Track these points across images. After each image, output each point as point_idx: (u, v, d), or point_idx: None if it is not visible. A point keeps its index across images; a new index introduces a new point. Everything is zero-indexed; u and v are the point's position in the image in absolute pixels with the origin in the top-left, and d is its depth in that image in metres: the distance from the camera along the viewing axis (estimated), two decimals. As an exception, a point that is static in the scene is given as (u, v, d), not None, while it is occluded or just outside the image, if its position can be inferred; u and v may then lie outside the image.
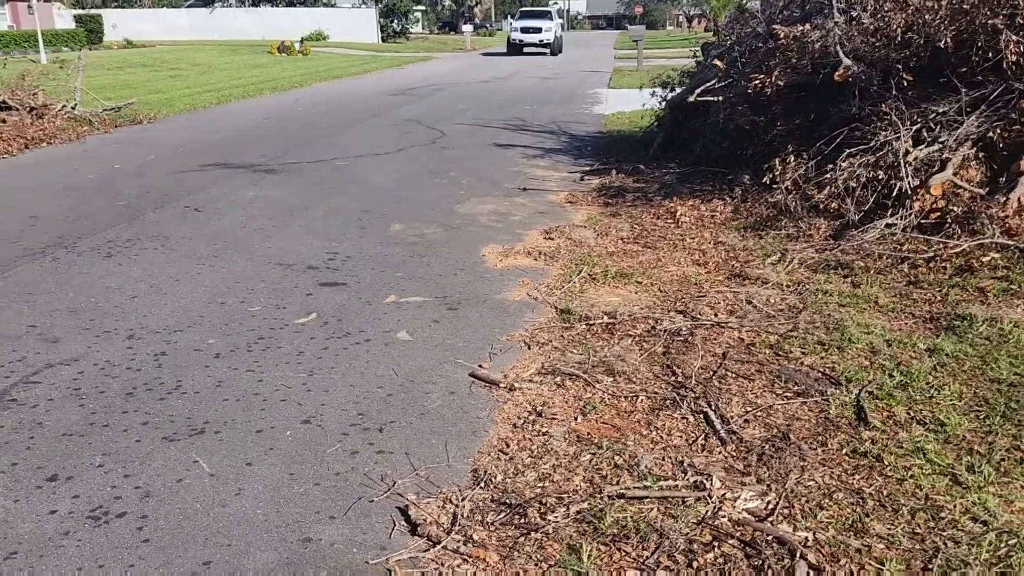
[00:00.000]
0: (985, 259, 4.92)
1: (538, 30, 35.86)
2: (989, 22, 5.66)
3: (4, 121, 10.83)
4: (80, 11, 42.10)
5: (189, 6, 49.92)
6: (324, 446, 3.19)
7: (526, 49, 35.82)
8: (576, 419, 3.38)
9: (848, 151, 5.88)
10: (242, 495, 2.87)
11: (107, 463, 3.07)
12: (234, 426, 3.35)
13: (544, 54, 35.05)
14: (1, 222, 6.67)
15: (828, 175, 5.88)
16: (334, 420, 3.40)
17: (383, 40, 46.20)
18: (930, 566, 2.44)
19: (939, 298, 4.54)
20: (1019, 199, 5.27)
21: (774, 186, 6.21)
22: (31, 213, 6.98)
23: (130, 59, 28.25)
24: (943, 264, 4.96)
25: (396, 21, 49.24)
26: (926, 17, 5.89)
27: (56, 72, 13.29)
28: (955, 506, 2.73)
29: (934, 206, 5.48)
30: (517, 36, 36.40)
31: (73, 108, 12.43)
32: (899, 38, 6.07)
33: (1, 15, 38.40)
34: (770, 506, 2.76)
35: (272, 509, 2.79)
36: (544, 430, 3.29)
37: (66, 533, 2.66)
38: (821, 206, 5.90)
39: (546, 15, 38.30)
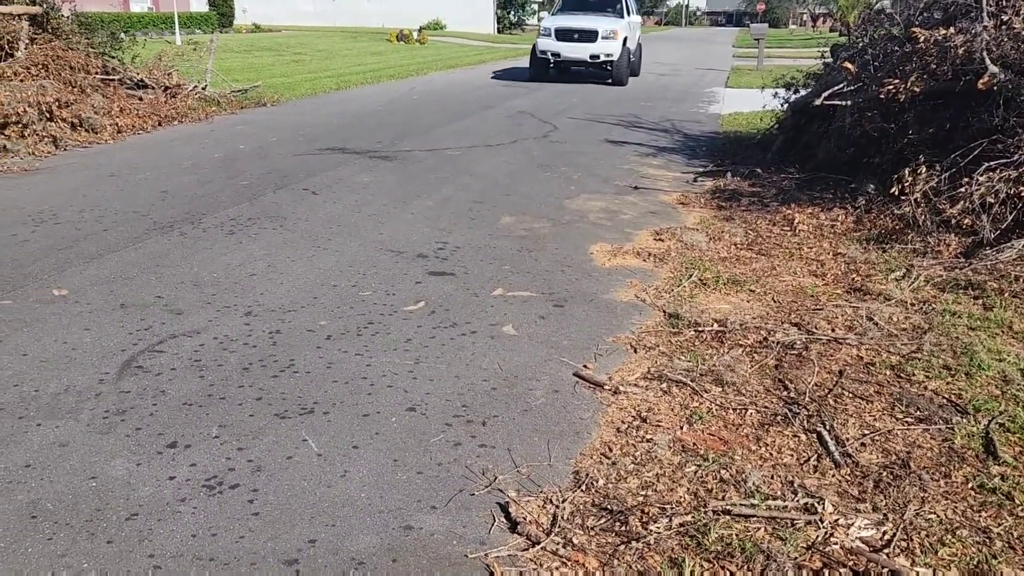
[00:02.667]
0: None
1: (591, 34, 18.65)
2: None
3: (141, 99, 11.44)
4: (214, -5, 44.10)
5: (314, -8, 51.53)
6: (428, 435, 3.23)
7: (564, 66, 19.44)
8: (682, 428, 3.30)
9: (987, 165, 5.52)
10: (347, 477, 2.93)
11: (223, 435, 3.20)
12: (342, 408, 3.43)
13: (601, 78, 19.19)
14: (134, 196, 7.05)
15: (963, 189, 5.54)
16: (438, 410, 3.44)
17: (499, 31, 46.53)
18: (1064, 619, 2.26)
19: (1083, 328, 4.21)
20: None
21: (902, 197, 5.90)
22: (162, 188, 7.35)
23: (257, 43, 29.41)
24: (1088, 291, 4.60)
25: (512, 12, 49.50)
26: (1085, 23, 5.46)
27: (189, 53, 13.95)
28: (1095, 556, 2.52)
29: (1080, 228, 5.09)
30: (549, 44, 18.99)
31: (204, 89, 13.03)
32: (1053, 45, 5.66)
33: (142, -2, 40.60)
34: (886, 537, 2.62)
35: (376, 494, 2.84)
36: (648, 437, 3.23)
37: (183, 500, 2.78)
38: (952, 221, 5.57)
39: (610, 4, 20.24)
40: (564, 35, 18.72)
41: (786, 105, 9.05)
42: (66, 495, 2.79)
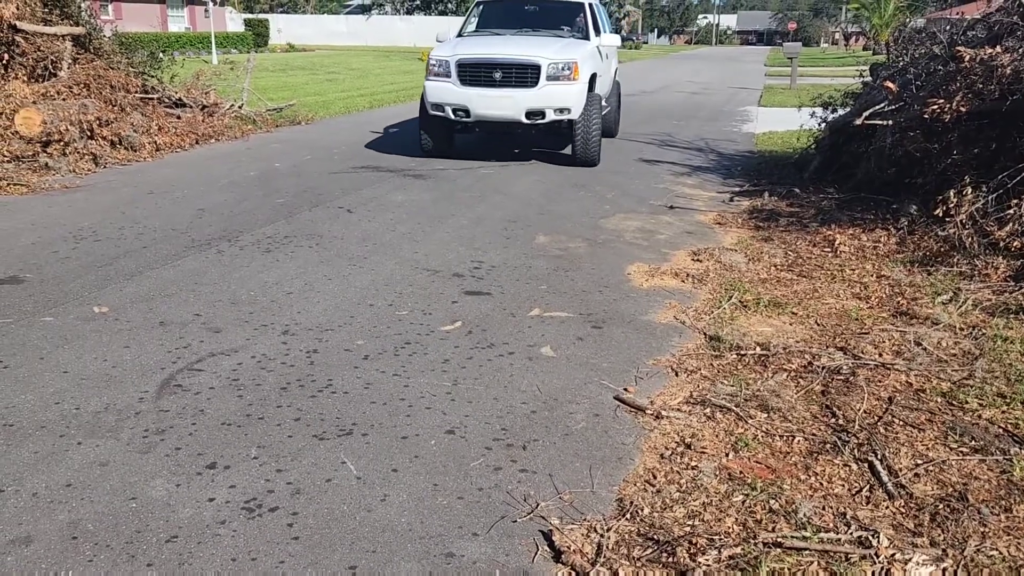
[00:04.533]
0: None
1: (526, 71, 9.38)
2: None
3: (179, 117, 11.60)
4: (250, 15, 44.87)
5: (348, 12, 52.25)
6: (468, 459, 3.18)
7: (477, 128, 10.27)
8: (727, 455, 3.22)
9: (1036, 186, 5.39)
10: (387, 502, 2.89)
11: (261, 456, 3.17)
12: (381, 430, 3.40)
13: (551, 146, 10.94)
14: (173, 213, 7.12)
15: (1011, 211, 5.41)
16: (478, 433, 3.39)
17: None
18: None
19: None
20: None
21: (946, 219, 5.78)
22: (199, 206, 7.41)
23: (291, 62, 29.83)
24: None
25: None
26: None
27: (227, 73, 14.16)
28: None
29: None
30: (449, 92, 9.54)
31: (240, 107, 13.18)
32: (1104, 64, 5.52)
33: (179, 17, 41.44)
34: (946, 573, 2.52)
35: (416, 519, 2.79)
36: (693, 464, 3.15)
37: (222, 522, 2.75)
38: (1001, 244, 5.44)
39: (564, 14, 11.13)
40: (475, 73, 9.42)
41: (824, 124, 8.94)
42: (106, 516, 2.77)
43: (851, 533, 2.71)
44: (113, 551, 2.59)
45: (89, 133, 9.37)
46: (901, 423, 3.45)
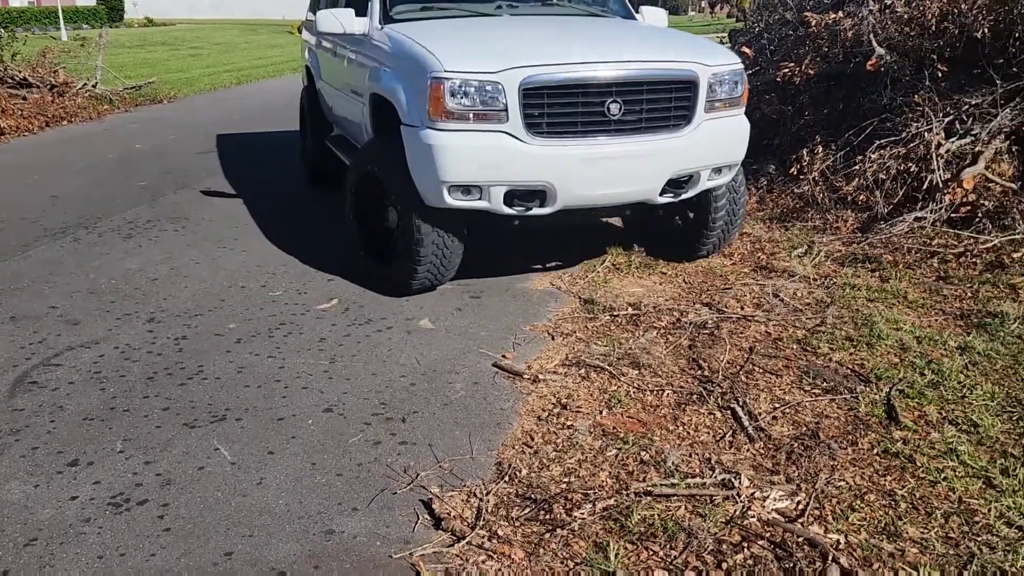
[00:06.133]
0: (1016, 255, 4.81)
1: (674, 100, 4.25)
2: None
3: (25, 99, 10.83)
4: (101, -12, 42.20)
5: (209, -15, 49.93)
6: (346, 435, 3.16)
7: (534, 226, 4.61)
8: (601, 412, 3.33)
9: (878, 143, 5.77)
10: (264, 484, 2.84)
11: (128, 449, 3.06)
12: (256, 413, 3.33)
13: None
14: (21, 201, 6.67)
15: (857, 167, 5.77)
16: (356, 409, 3.37)
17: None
18: (965, 572, 2.38)
19: (969, 295, 4.45)
20: (1055, 195, 5.10)
21: (801, 177, 6.11)
22: (51, 192, 6.97)
23: (150, 37, 28.27)
24: (973, 260, 4.86)
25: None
26: (962, 7, 5.75)
27: (77, 50, 13.33)
28: (990, 510, 2.66)
29: (965, 200, 5.37)
30: (495, 161, 3.97)
31: (94, 86, 12.43)
32: (934, 27, 5.94)
33: (22, -8, 38.51)
34: (800, 506, 2.70)
35: (294, 499, 2.76)
36: (569, 423, 3.24)
37: (87, 520, 2.64)
38: (849, 198, 5.80)
39: None
40: (568, 110, 4.06)
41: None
42: (-43, 524, 2.61)
43: (715, 476, 2.86)
44: (-34, 560, 2.45)
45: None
46: (761, 370, 3.66)
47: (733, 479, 2.83)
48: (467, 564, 2.44)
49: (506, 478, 2.88)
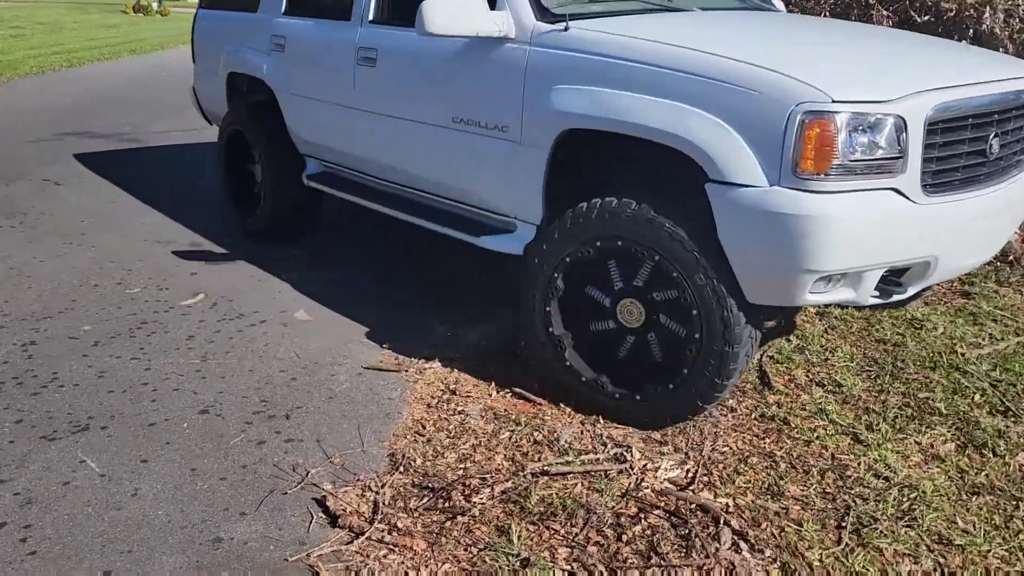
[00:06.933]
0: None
1: None
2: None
3: None
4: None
5: (29, -41, 45.90)
6: (227, 437, 2.99)
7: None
8: (491, 396, 3.32)
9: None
10: (139, 495, 2.65)
11: (-22, 468, 2.77)
12: (123, 420, 3.09)
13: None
14: None
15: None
16: (235, 408, 3.20)
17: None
18: (843, 523, 2.53)
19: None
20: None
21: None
22: None
23: (-37, 16, 25.73)
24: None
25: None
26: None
27: None
28: (859, 464, 2.85)
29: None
30: (875, 238, 2.70)
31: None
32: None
33: None
34: (690, 474, 2.79)
35: (175, 509, 2.58)
36: (460, 408, 3.21)
37: (-63, 551, 2.37)
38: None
39: None
40: (952, 148, 2.85)
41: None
42: None
43: (608, 452, 2.91)
44: None
45: None
46: (641, 345, 3.75)
47: (625, 452, 2.89)
48: (368, 560, 2.36)
49: (401, 469, 2.81)
